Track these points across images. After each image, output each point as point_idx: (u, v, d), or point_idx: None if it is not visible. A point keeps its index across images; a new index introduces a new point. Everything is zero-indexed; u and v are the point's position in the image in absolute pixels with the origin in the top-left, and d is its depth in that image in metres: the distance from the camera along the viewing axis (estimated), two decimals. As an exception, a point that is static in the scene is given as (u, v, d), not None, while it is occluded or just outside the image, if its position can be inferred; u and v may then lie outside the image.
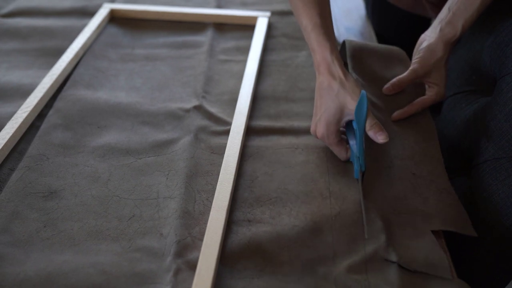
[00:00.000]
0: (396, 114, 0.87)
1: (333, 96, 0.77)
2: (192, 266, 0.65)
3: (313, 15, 0.81)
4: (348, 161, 0.81)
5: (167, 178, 0.79)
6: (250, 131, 0.88)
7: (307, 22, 0.81)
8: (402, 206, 0.74)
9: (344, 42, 0.98)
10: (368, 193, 0.75)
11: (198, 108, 0.92)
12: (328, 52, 0.78)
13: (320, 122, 0.78)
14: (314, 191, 0.75)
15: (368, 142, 0.78)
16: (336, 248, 0.68)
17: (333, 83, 0.77)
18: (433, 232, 0.70)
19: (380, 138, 0.75)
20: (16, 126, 0.85)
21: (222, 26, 1.18)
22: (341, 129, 0.80)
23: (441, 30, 0.87)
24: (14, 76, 1.00)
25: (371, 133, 0.75)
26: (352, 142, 0.77)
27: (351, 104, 0.75)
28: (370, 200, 0.74)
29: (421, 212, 0.72)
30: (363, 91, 0.73)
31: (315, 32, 0.80)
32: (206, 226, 0.70)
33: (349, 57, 0.95)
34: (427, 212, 0.72)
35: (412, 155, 0.81)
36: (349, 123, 0.79)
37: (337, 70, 0.77)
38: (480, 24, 0.95)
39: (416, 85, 0.91)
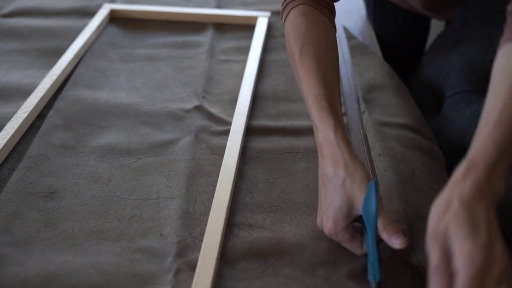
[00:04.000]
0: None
1: (338, 186, 0.65)
2: (193, 267, 0.65)
3: (315, 84, 0.71)
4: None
5: (167, 179, 0.79)
6: (250, 131, 0.88)
7: (307, 92, 0.71)
8: (424, 213, 0.73)
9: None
10: (391, 195, 0.74)
11: (199, 109, 0.92)
12: (332, 131, 0.67)
13: (327, 217, 0.66)
14: (315, 203, 0.75)
15: (379, 130, 0.76)
16: (337, 254, 0.68)
17: (338, 170, 0.65)
18: None
19: (395, 242, 0.61)
20: (16, 126, 0.85)
21: (222, 26, 1.18)
22: (355, 223, 0.68)
23: None
24: (14, 76, 1.00)
25: (384, 236, 0.62)
26: (366, 239, 0.64)
27: (359, 198, 0.63)
28: (395, 202, 0.73)
29: None
30: (372, 181, 0.63)
31: (316, 105, 0.69)
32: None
33: None
34: None
35: (429, 171, 0.81)
36: (360, 216, 0.66)
37: (343, 154, 0.65)
38: (481, 24, 0.95)
39: None
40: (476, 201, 0.55)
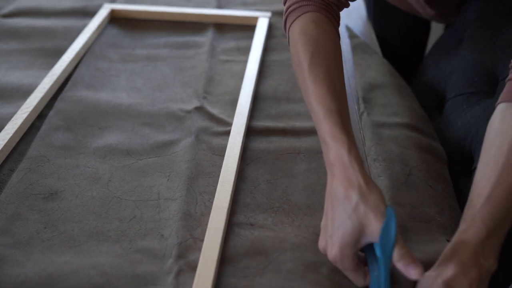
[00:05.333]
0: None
1: (349, 210, 0.60)
2: (194, 268, 0.65)
3: (327, 98, 0.66)
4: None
5: (168, 180, 0.79)
6: (251, 132, 0.88)
7: (318, 106, 0.67)
8: (418, 213, 0.73)
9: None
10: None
11: (199, 109, 0.92)
12: (346, 149, 0.62)
13: (333, 242, 0.61)
14: (316, 205, 0.75)
15: (377, 132, 0.76)
16: None
17: (350, 193, 0.60)
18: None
19: (412, 273, 0.58)
20: (16, 126, 0.84)
21: (222, 27, 1.17)
22: (360, 253, 0.65)
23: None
24: (14, 77, 1.00)
25: (400, 266, 0.59)
26: (373, 269, 0.61)
27: (374, 225, 0.59)
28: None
29: (437, 222, 0.72)
30: (390, 208, 0.59)
31: (328, 121, 0.65)
32: (207, 228, 0.70)
33: None
34: (442, 223, 0.73)
35: (428, 169, 0.81)
36: (369, 245, 0.62)
37: (357, 176, 0.61)
38: (483, 26, 0.95)
39: None
40: (457, 282, 0.56)
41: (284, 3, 0.79)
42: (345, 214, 0.60)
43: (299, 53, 0.71)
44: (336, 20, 0.77)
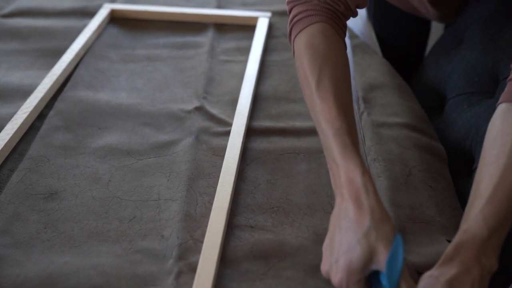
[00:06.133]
0: None
1: (360, 235, 0.57)
2: (194, 269, 0.65)
3: (336, 115, 0.64)
4: None
5: (168, 180, 0.79)
6: (251, 132, 0.88)
7: (326, 125, 0.64)
8: (417, 214, 0.73)
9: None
10: (383, 203, 0.74)
11: (199, 109, 0.92)
12: (359, 173, 0.60)
13: (339, 266, 0.59)
14: (316, 204, 0.75)
15: (377, 132, 0.75)
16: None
17: (362, 218, 0.58)
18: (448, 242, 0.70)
19: None
20: (16, 127, 0.84)
21: (222, 27, 1.17)
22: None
23: None
24: (14, 77, 1.00)
25: None
26: None
27: (382, 253, 0.57)
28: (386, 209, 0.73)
29: (437, 223, 0.72)
30: (399, 236, 0.57)
31: (338, 141, 0.63)
32: (207, 229, 0.70)
33: None
34: (443, 223, 0.72)
35: (428, 169, 0.81)
36: (375, 272, 0.60)
37: (370, 200, 0.59)
38: (484, 26, 0.95)
39: None
40: (460, 281, 0.56)
41: (289, 12, 0.76)
42: (354, 239, 0.58)
43: (306, 68, 0.69)
44: (343, 31, 0.75)
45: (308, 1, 0.73)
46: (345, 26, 0.75)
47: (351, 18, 0.77)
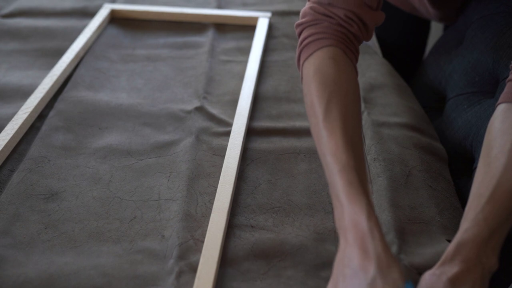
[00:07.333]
0: None
1: (364, 285, 0.54)
2: (195, 269, 0.65)
3: (342, 150, 0.60)
4: None
5: (168, 180, 0.79)
6: (251, 132, 0.88)
7: (332, 160, 0.60)
8: (417, 214, 0.73)
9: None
10: (382, 203, 0.74)
11: (200, 109, 0.92)
12: (364, 216, 0.56)
13: None
14: (317, 205, 0.75)
15: (377, 132, 0.77)
16: None
17: (367, 264, 0.55)
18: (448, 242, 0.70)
19: None
20: (16, 127, 0.84)
21: (222, 27, 1.17)
22: None
23: None
24: (14, 77, 1.00)
25: None
26: None
27: None
28: (384, 211, 0.73)
29: (437, 223, 0.72)
30: (410, 283, 0.55)
31: (343, 178, 0.59)
32: (208, 229, 0.70)
33: None
34: (443, 223, 0.72)
35: (427, 169, 0.81)
36: None
37: (376, 246, 0.55)
38: (484, 26, 0.95)
39: None
40: (461, 280, 0.56)
41: (299, 35, 0.72)
42: (358, 286, 0.55)
43: (313, 96, 0.66)
44: (355, 56, 0.71)
45: (319, 23, 0.69)
46: (357, 51, 0.71)
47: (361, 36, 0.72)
